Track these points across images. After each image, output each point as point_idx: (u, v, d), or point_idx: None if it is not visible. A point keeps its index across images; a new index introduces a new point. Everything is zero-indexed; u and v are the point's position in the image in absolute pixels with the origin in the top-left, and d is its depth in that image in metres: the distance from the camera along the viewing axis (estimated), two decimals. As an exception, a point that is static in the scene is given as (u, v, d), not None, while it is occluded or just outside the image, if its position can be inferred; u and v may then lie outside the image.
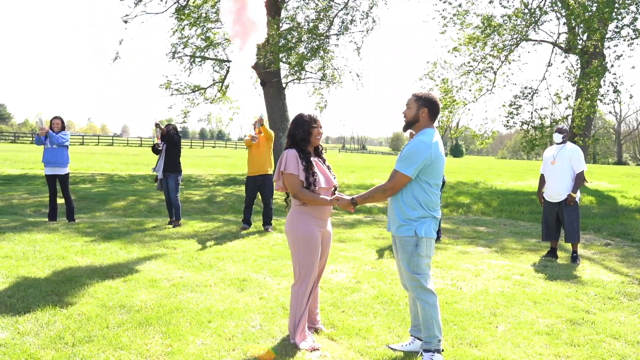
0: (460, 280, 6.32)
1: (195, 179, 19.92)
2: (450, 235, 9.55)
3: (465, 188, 18.83)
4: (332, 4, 18.87)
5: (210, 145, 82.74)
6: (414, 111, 3.86)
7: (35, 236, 8.07)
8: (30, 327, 4.30)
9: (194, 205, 13.15)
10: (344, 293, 5.61)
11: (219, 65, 22.43)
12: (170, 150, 9.63)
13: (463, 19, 19.75)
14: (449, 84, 20.80)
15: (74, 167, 23.36)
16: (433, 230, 3.83)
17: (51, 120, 9.39)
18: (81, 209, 11.74)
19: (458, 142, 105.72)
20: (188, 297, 5.26)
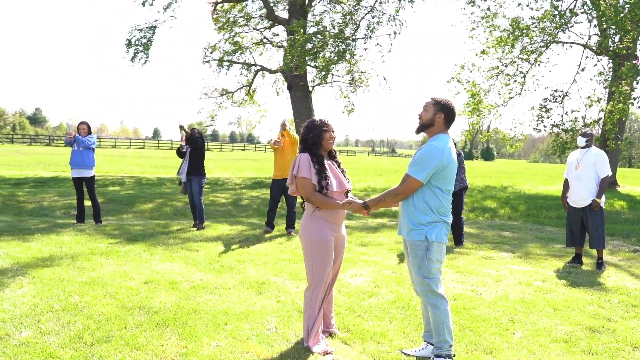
0: (480, 285, 6.27)
1: (223, 182, 20.11)
2: (474, 240, 9.47)
3: (493, 192, 18.62)
4: (359, 7, 18.87)
5: (239, 149, 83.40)
6: (430, 115, 3.86)
7: (62, 237, 8.25)
8: (52, 326, 4.41)
9: (220, 208, 13.28)
10: (361, 297, 5.62)
11: (247, 69, 22.65)
12: (194, 154, 9.75)
13: (491, 22, 19.58)
14: (476, 87, 20.66)
15: (104, 170, 23.83)
16: (444, 235, 3.82)
17: (78, 125, 9.63)
18: (109, 211, 11.96)
19: (489, 145, 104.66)
20: (206, 299, 5.33)
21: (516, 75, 20.20)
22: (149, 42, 21.15)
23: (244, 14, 21.90)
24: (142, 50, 21.03)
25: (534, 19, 18.75)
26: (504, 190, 19.95)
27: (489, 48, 19.86)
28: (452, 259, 7.71)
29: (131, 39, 21.03)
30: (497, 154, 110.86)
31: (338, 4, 19.97)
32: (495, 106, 21.02)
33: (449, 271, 6.94)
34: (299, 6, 19.38)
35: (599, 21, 17.88)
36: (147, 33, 21.06)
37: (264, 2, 20.76)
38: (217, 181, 20.40)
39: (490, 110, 21.28)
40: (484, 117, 22.58)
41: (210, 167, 29.03)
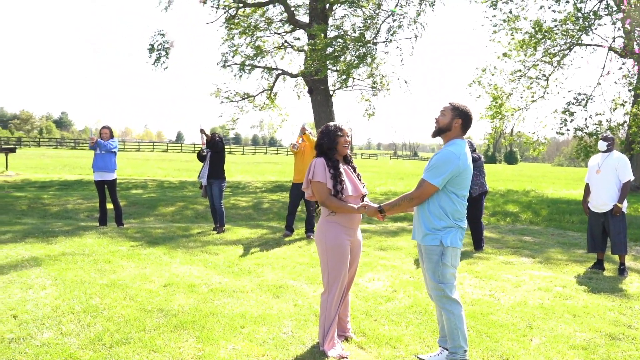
0: (499, 291, 6.23)
1: (244, 186, 20.23)
2: (494, 245, 9.41)
3: (515, 196, 18.45)
4: (379, 11, 18.87)
5: (261, 152, 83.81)
6: (447, 119, 3.85)
7: (85, 240, 8.39)
8: (72, 327, 4.49)
9: (240, 211, 13.36)
10: (378, 302, 5.62)
11: (268, 73, 22.77)
12: (214, 158, 9.84)
13: (513, 25, 19.43)
14: (498, 91, 20.51)
15: (127, 173, 24.13)
16: (459, 240, 3.81)
17: (100, 129, 9.79)
18: (131, 214, 12.11)
19: (512, 149, 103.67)
20: (224, 302, 5.38)
21: (539, 78, 20.01)
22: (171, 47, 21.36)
23: (265, 18, 22.03)
24: (165, 55, 21.27)
25: (556, 22, 18.56)
26: (527, 194, 19.77)
27: (511, 51, 19.70)
28: (471, 264, 7.67)
29: (154, 43, 21.28)
30: (520, 157, 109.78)
31: (359, 8, 19.99)
32: (518, 109, 20.85)
33: (467, 276, 6.91)
34: (319, 10, 19.43)
35: (623, 23, 17.63)
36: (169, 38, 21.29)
37: (285, 7, 20.86)
38: (239, 184, 20.53)
39: (513, 114, 21.10)
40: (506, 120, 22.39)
41: (232, 170, 29.24)
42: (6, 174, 20.02)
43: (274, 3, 21.52)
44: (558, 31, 18.82)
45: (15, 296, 5.30)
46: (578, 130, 19.29)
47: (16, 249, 7.52)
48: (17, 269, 6.34)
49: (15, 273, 6.17)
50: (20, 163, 28.01)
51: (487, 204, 14.88)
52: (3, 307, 4.95)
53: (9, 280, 5.85)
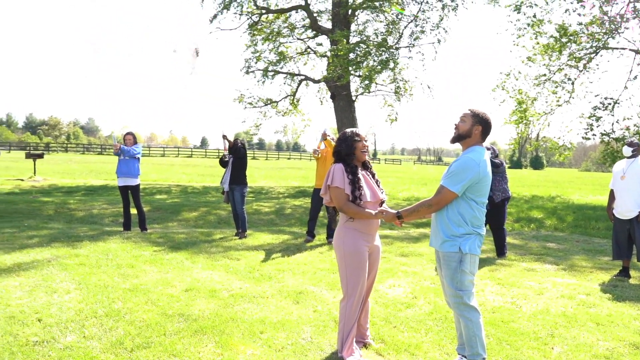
0: (521, 298, 6.17)
1: (266, 191, 20.32)
2: (517, 252, 9.31)
3: (539, 202, 18.23)
4: (402, 16, 18.84)
5: (285, 157, 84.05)
6: (468, 126, 3.84)
7: (109, 245, 8.51)
8: (95, 331, 4.56)
9: (263, 217, 13.42)
10: (398, 308, 5.61)
11: (291, 79, 22.88)
12: (236, 163, 9.92)
13: (538, 29, 19.24)
14: (523, 95, 20.31)
15: (152, 179, 24.39)
16: (477, 247, 3.79)
17: (124, 135, 9.94)
18: (155, 219, 12.25)
19: (538, 153, 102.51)
20: (244, 308, 5.42)
21: (564, 82, 19.78)
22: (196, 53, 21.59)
23: (288, 24, 22.15)
24: (189, 61, 21.49)
25: (581, 25, 18.33)
26: (552, 200, 19.52)
27: (536, 55, 19.51)
28: (493, 271, 7.60)
29: (177, 49, 21.54)
30: (546, 162, 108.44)
31: (381, 13, 19.99)
32: (543, 114, 20.62)
33: (489, 283, 6.86)
34: (342, 16, 19.48)
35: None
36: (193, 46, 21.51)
37: (308, 13, 20.95)
38: (262, 190, 20.62)
39: (539, 119, 20.89)
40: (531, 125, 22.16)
41: (255, 175, 29.39)
42: (34, 179, 20.40)
43: (296, 9, 21.65)
44: (583, 35, 18.59)
45: (41, 300, 5.40)
46: (605, 135, 19.02)
47: (42, 253, 7.66)
48: (43, 273, 6.46)
49: (41, 277, 6.29)
50: (48, 168, 28.50)
51: (511, 210, 14.74)
52: (28, 310, 5.05)
53: (34, 284, 5.96)
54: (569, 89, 19.84)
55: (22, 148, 64.47)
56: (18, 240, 8.75)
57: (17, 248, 8.00)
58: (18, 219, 11.63)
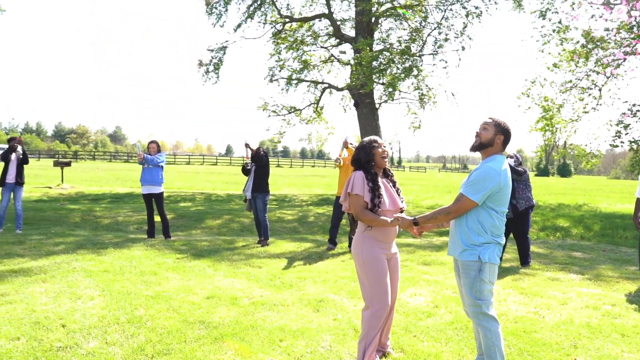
0: (544, 308, 6.08)
1: (290, 199, 20.38)
2: (541, 261, 9.19)
3: (566, 210, 17.98)
4: (425, 24, 18.81)
5: (309, 165, 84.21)
6: (491, 135, 3.82)
7: (133, 252, 8.62)
8: (117, 337, 4.62)
9: (285, 224, 13.47)
10: (418, 317, 5.57)
11: (314, 87, 22.96)
12: (259, 171, 9.97)
13: (564, 35, 19.04)
14: (549, 102, 20.09)
15: (177, 186, 24.64)
16: (497, 256, 3.76)
17: (148, 144, 10.09)
18: (179, 226, 12.37)
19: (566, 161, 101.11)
20: (264, 315, 5.44)
21: (590, 88, 19.51)
22: (219, 62, 21.86)
23: (311, 33, 22.26)
24: (213, 70, 21.76)
25: (608, 31, 18.08)
26: (579, 208, 19.24)
27: (561, 61, 19.30)
28: (516, 280, 7.51)
29: (202, 58, 21.81)
30: (574, 170, 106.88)
31: (404, 21, 19.99)
32: (569, 121, 20.37)
33: (512, 292, 6.78)
34: (365, 24, 19.52)
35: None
36: (217, 53, 21.78)
37: (331, 21, 21.04)
38: (285, 198, 20.70)
39: (565, 126, 20.64)
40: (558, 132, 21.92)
41: (279, 183, 29.51)
42: (62, 187, 20.76)
43: (319, 18, 21.76)
44: (611, 40, 18.34)
45: (65, 306, 5.49)
46: (633, 143, 18.70)
47: (68, 260, 7.78)
48: (68, 280, 6.57)
49: (66, 283, 6.39)
50: (75, 176, 28.99)
51: (536, 219, 14.56)
52: (53, 316, 5.13)
53: (59, 290, 6.06)
54: (595, 96, 19.57)
55: (51, 156, 65.65)
56: (45, 247, 8.91)
57: (44, 255, 8.15)
58: (45, 226, 11.85)
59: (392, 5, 19.29)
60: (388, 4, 19.44)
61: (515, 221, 8.59)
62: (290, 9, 22.62)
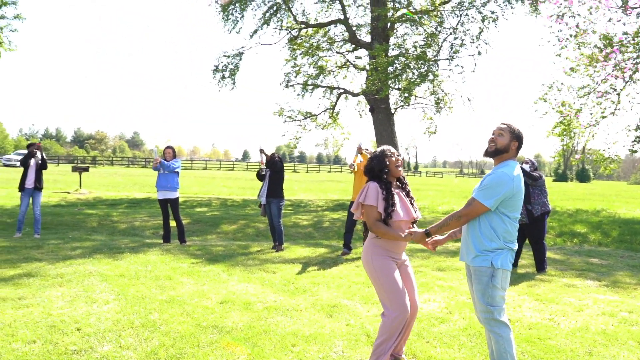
0: (559, 315, 6.03)
1: (305, 204, 20.40)
2: (557, 267, 9.10)
3: (584, 216, 17.79)
4: (441, 29, 18.78)
5: (325, 170, 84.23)
6: (506, 141, 3.83)
7: (149, 257, 8.69)
8: (131, 341, 4.66)
9: (300, 230, 13.49)
10: (432, 323, 5.55)
11: (330, 92, 23.02)
12: (273, 177, 10.01)
13: (581, 39, 18.88)
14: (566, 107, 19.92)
15: (193, 192, 24.79)
16: (509, 262, 3.74)
17: (164, 150, 10.18)
18: (194, 231, 12.45)
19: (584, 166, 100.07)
20: (277, 321, 5.45)
21: (609, 93, 19.32)
22: (235, 68, 22.00)
23: (327, 38, 22.33)
24: (229, 76, 21.90)
25: (627, 35, 17.91)
26: (597, 214, 19.02)
27: (579, 66, 19.14)
28: (532, 286, 7.45)
29: (218, 65, 21.96)
30: (593, 175, 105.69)
31: (420, 26, 19.97)
32: (588, 126, 20.18)
33: (527, 299, 6.72)
34: (380, 29, 19.54)
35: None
36: (233, 59, 21.92)
37: (347, 27, 21.09)
38: (300, 203, 20.72)
39: (583, 131, 20.45)
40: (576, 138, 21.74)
41: (295, 188, 29.56)
42: (80, 192, 20.98)
43: (335, 24, 21.82)
44: (629, 45, 18.15)
45: (80, 310, 5.55)
46: (652, 148, 18.47)
47: (84, 264, 7.87)
48: (84, 284, 6.64)
49: (82, 287, 6.46)
50: (93, 181, 29.29)
51: (553, 224, 14.43)
52: (69, 320, 5.19)
53: (75, 295, 6.13)
54: (614, 100, 19.37)
55: (70, 161, 66.43)
56: (62, 251, 9.01)
57: (61, 259, 8.25)
58: (63, 230, 12.00)
59: (408, 11, 19.30)
60: (404, 10, 19.45)
61: (530, 227, 8.53)
62: (306, 15, 22.74)
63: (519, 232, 8.74)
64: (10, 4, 19.08)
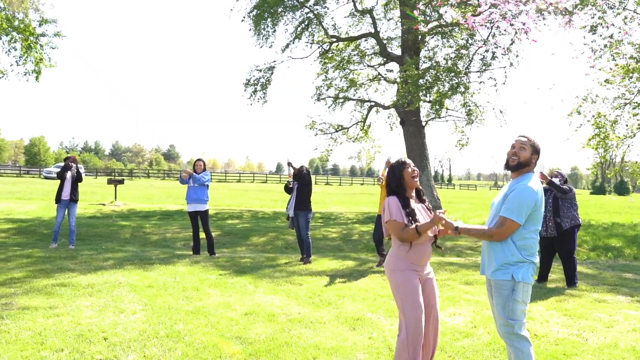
0: (587, 330, 5.92)
1: (336, 217, 20.42)
2: (589, 282, 8.93)
3: (620, 230, 17.38)
4: (471, 41, 18.70)
5: (358, 183, 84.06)
6: (528, 155, 3.84)
7: (178, 268, 8.82)
8: (155, 351, 4.76)
9: (329, 242, 13.52)
10: (455, 337, 5.51)
11: (361, 105, 23.09)
12: (301, 189, 10.08)
13: (616, 50, 18.55)
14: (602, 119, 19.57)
15: (226, 204, 25.06)
16: (530, 275, 3.72)
17: (195, 162, 10.37)
18: (224, 243, 12.59)
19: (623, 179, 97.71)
20: (300, 333, 5.48)
21: (645, 103, 18.92)
22: (267, 82, 22.25)
23: (358, 51, 22.43)
24: (261, 89, 22.15)
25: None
26: (634, 227, 18.57)
27: (614, 77, 18.80)
28: (560, 301, 7.33)
29: (250, 78, 22.25)
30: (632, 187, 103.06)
31: (451, 39, 19.92)
32: (624, 138, 19.79)
33: (555, 314, 6.62)
34: (411, 42, 19.56)
35: None
36: (265, 73, 22.18)
37: (377, 40, 21.17)
38: (331, 215, 20.75)
39: (619, 144, 20.07)
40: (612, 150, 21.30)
41: (327, 201, 29.60)
42: (115, 204, 21.41)
43: (366, 37, 21.92)
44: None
45: (108, 319, 5.68)
46: (691, 160, 18.01)
47: (115, 275, 8.03)
48: (114, 294, 6.79)
49: (111, 297, 6.61)
50: (129, 193, 29.82)
51: (587, 238, 14.17)
52: (96, 329, 5.32)
53: (104, 304, 6.27)
54: (651, 111, 18.96)
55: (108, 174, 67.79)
56: (95, 262, 9.22)
57: (93, 270, 8.44)
58: (97, 241, 12.27)
59: (439, 24, 19.26)
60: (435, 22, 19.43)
61: (560, 240, 8.40)
62: (337, 29, 22.88)
63: (549, 246, 8.62)
64: (51, 22, 19.70)
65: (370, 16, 21.55)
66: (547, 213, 8.44)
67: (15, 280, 7.49)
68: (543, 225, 8.54)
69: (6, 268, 8.42)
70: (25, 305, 6.12)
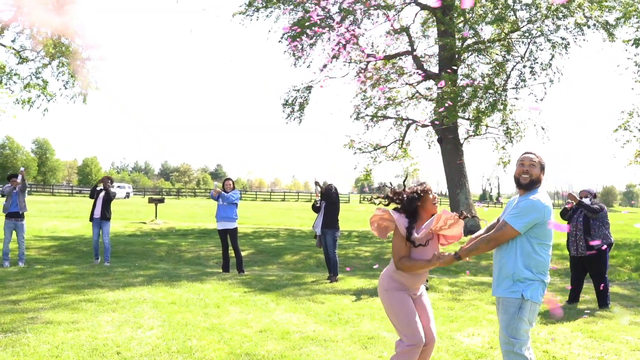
0: (611, 353, 5.71)
1: (371, 236, 20.31)
2: (624, 303, 8.60)
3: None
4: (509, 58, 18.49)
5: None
6: (538, 172, 3.89)
7: (204, 285, 8.94)
8: (164, 367, 4.84)
9: (362, 261, 13.46)
10: (469, 358, 5.41)
11: (400, 123, 23.03)
12: (329, 208, 10.10)
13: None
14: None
15: (266, 222, 25.26)
16: (540, 295, 3.67)
17: (224, 181, 10.57)
18: (257, 261, 12.70)
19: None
20: (311, 350, 5.48)
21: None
22: (305, 102, 22.46)
23: (396, 69, 22.43)
24: (298, 109, 22.36)
25: None
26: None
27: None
28: (588, 322, 7.09)
29: (288, 98, 22.50)
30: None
31: (487, 55, 19.74)
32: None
33: (580, 335, 6.41)
34: (448, 59, 19.46)
35: None
36: (303, 93, 22.41)
37: (414, 58, 21.14)
38: (367, 234, 20.66)
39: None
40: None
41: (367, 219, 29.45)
42: (155, 222, 21.90)
43: (403, 55, 21.92)
44: None
45: (125, 334, 5.81)
46: None
47: (141, 291, 8.20)
48: (135, 310, 6.93)
49: (132, 313, 6.75)
50: (173, 212, 30.44)
51: (630, 258, 13.67)
52: (111, 343, 5.45)
53: (124, 320, 6.41)
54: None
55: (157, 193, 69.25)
56: (125, 278, 9.43)
57: (121, 286, 8.64)
58: (132, 259, 12.56)
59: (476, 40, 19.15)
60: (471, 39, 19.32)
61: (591, 260, 8.16)
62: (374, 48, 22.95)
63: (580, 266, 8.39)
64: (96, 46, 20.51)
65: (407, 35, 21.57)
66: (578, 232, 8.23)
67: (46, 296, 7.75)
68: (573, 245, 8.33)
69: (40, 284, 8.72)
70: (49, 319, 6.32)
